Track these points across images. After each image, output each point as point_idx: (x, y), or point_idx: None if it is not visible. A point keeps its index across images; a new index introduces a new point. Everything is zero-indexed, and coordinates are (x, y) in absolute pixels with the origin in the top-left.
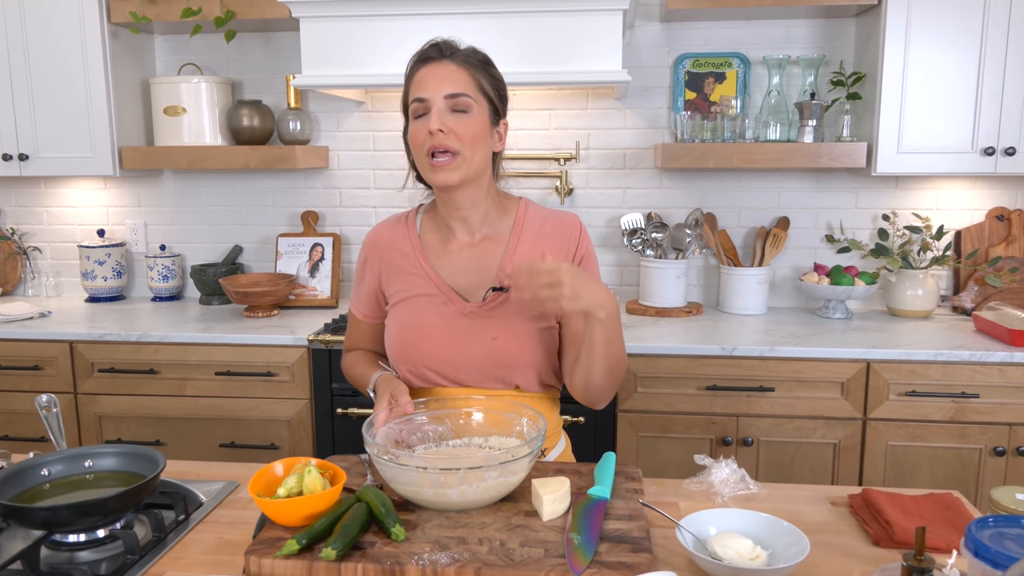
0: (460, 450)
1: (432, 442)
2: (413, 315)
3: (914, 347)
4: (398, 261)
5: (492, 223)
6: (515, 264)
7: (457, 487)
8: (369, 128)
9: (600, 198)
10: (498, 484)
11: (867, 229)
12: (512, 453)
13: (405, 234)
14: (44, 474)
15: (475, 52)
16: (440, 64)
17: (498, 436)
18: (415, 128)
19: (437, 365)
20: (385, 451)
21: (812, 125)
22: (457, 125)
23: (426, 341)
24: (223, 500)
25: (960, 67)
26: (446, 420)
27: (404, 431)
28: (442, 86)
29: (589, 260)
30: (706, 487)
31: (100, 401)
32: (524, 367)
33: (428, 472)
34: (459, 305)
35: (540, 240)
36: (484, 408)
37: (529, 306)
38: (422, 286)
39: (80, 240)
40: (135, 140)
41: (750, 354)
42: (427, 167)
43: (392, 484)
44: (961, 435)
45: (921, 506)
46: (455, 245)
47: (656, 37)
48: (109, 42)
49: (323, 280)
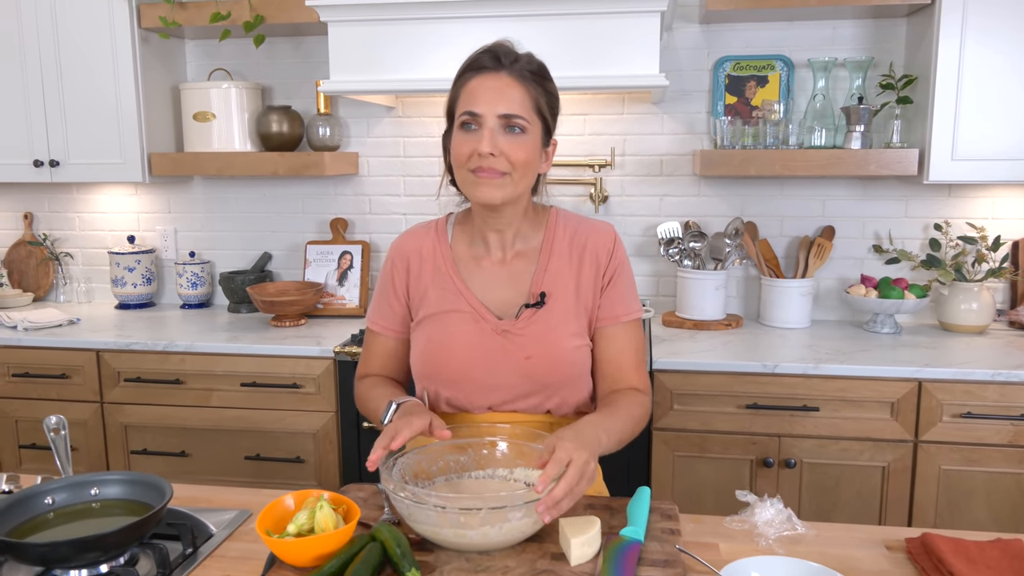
0: (482, 483)
1: (453, 473)
2: (443, 332)
3: (969, 365)
4: (429, 273)
5: (524, 238)
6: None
7: (479, 528)
8: (400, 134)
9: (636, 206)
10: (523, 525)
11: (917, 239)
12: (538, 491)
13: (435, 245)
14: (48, 503)
15: (531, 61)
16: (496, 77)
17: (524, 468)
18: (461, 139)
19: (467, 385)
20: (402, 487)
21: (860, 131)
22: (509, 147)
23: (456, 360)
24: (234, 531)
25: (1018, 69)
26: (468, 450)
27: (424, 461)
28: (497, 104)
29: (622, 273)
30: (748, 527)
31: (126, 411)
32: (558, 388)
33: (447, 512)
34: (492, 323)
35: (574, 253)
36: (509, 437)
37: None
38: (453, 302)
39: (111, 246)
40: (165, 146)
41: (793, 371)
42: (470, 181)
43: (409, 522)
44: (1021, 460)
45: (987, 554)
46: (488, 261)
47: (695, 39)
48: (139, 47)
49: (351, 289)
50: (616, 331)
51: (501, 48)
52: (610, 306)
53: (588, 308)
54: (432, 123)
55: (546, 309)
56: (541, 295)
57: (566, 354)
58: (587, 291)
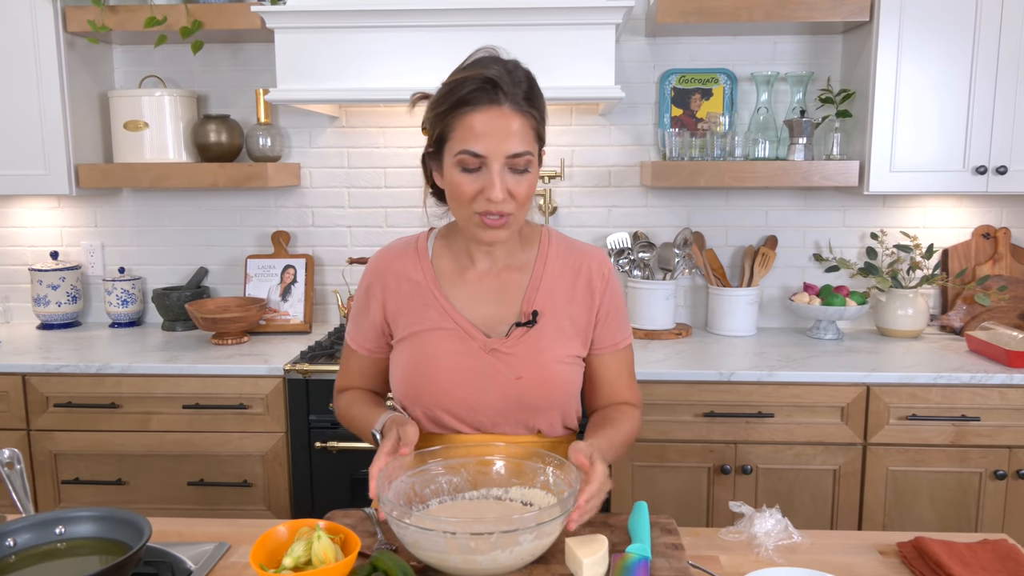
0: (479, 504)
1: (447, 495)
2: (426, 351)
3: (912, 369)
4: (408, 291)
5: (514, 253)
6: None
7: (489, 553)
8: (343, 144)
9: (584, 217)
10: (533, 547)
11: (855, 248)
12: (549, 513)
13: (415, 261)
14: (9, 544)
15: (524, 79)
16: (499, 112)
17: (519, 487)
18: (463, 181)
19: (453, 407)
20: (405, 513)
21: (802, 143)
22: (517, 187)
23: (441, 380)
24: (214, 567)
25: (951, 85)
26: (461, 470)
27: (417, 484)
28: (504, 144)
29: (619, 301)
30: (746, 538)
31: (56, 438)
32: (548, 409)
33: (457, 537)
34: (480, 341)
35: (567, 274)
36: (504, 456)
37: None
38: (436, 319)
39: (31, 263)
40: (92, 157)
41: (748, 379)
42: (474, 223)
43: (412, 549)
44: (962, 459)
45: (979, 556)
46: (473, 274)
47: (642, 52)
48: (65, 53)
49: (295, 304)
50: (614, 356)
51: (497, 73)
52: (608, 335)
53: (580, 330)
54: (377, 133)
55: (537, 328)
56: (533, 314)
57: (557, 375)
58: (580, 313)
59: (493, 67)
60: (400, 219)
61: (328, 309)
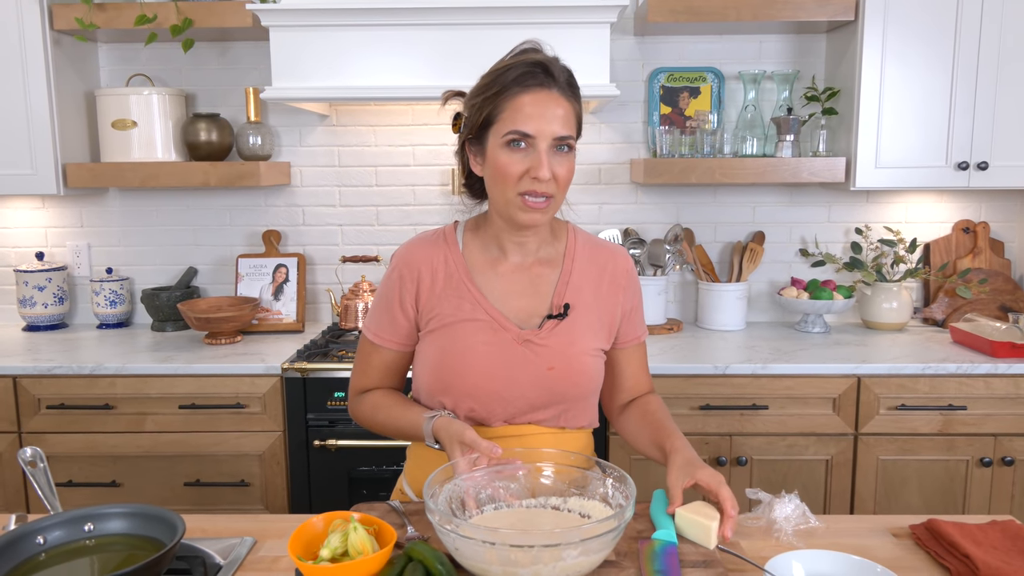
0: (534, 513)
1: (503, 501)
2: (459, 342)
3: (900, 360)
4: (441, 282)
5: (545, 246)
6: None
7: (531, 567)
8: (334, 143)
9: (575, 214)
10: (578, 564)
11: (839, 243)
12: (595, 529)
13: (446, 253)
14: (39, 542)
15: (567, 70)
16: (549, 95)
17: (579, 498)
18: (510, 160)
19: (484, 398)
20: (448, 519)
21: (790, 140)
22: (560, 168)
23: (473, 372)
24: (243, 561)
25: (934, 83)
26: (519, 475)
27: (472, 488)
28: (552, 126)
29: (638, 297)
30: (765, 523)
31: (48, 440)
32: (577, 400)
33: (496, 548)
34: (513, 332)
35: (592, 270)
36: (557, 463)
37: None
38: (469, 311)
39: (16, 264)
40: (79, 156)
41: (743, 372)
42: (516, 204)
43: (456, 557)
44: (949, 447)
45: (990, 536)
46: (505, 267)
47: (631, 51)
48: (51, 51)
49: (288, 303)
50: (636, 348)
51: (546, 58)
52: (632, 329)
53: (605, 324)
54: (367, 132)
55: (568, 320)
56: (565, 306)
57: (587, 366)
58: (606, 308)
59: (540, 55)
60: (391, 217)
61: (320, 308)
